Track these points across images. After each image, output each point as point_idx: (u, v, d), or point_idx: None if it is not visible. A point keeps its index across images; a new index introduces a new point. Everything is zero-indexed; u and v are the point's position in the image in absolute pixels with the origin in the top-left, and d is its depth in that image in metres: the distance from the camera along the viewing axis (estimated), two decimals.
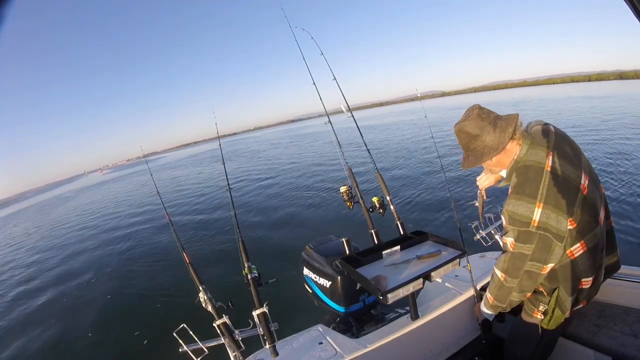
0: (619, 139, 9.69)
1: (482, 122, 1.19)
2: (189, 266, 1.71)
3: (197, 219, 9.06)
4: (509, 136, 1.16)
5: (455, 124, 1.28)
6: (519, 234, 1.15)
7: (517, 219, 1.14)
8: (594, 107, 19.35)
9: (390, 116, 46.21)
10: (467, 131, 1.23)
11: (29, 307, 5.95)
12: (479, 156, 1.22)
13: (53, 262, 8.69)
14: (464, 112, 1.27)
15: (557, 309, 1.27)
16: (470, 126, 1.21)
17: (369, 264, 1.62)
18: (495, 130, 1.17)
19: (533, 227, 1.11)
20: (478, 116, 1.20)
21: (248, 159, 23.26)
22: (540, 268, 1.16)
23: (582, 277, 1.22)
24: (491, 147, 1.19)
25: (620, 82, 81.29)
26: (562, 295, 1.24)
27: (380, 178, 2.25)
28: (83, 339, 4.38)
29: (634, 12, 0.55)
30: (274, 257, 5.20)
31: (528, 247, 1.14)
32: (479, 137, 1.20)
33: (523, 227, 1.13)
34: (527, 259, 1.16)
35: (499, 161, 1.24)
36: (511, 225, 1.16)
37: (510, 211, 1.16)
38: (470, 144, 1.24)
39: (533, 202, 1.11)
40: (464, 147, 1.28)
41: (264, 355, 1.55)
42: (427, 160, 10.88)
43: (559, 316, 1.28)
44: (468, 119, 1.22)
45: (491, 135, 1.18)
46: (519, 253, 1.16)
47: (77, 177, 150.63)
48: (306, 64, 2.48)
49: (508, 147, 1.19)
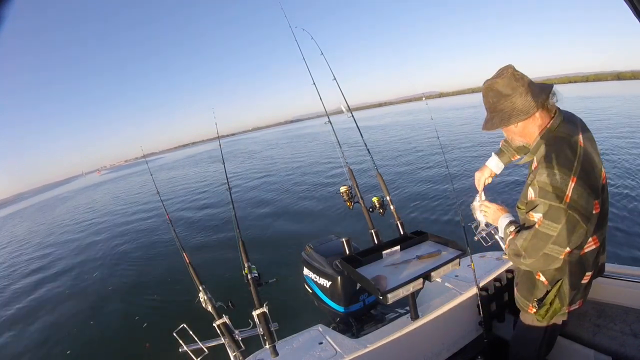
0: (611, 138, 9.76)
1: (515, 83, 1.12)
2: (189, 266, 1.71)
3: (197, 219, 9.06)
4: (541, 102, 1.10)
5: (485, 81, 1.20)
6: (550, 209, 1.05)
7: (551, 192, 1.05)
8: (586, 107, 19.49)
9: (390, 116, 46.27)
10: (497, 89, 1.15)
11: (26, 310, 5.93)
12: (505, 118, 1.15)
13: (52, 262, 8.68)
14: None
15: (556, 300, 1.24)
16: (502, 84, 1.14)
17: (369, 264, 1.62)
18: (528, 94, 1.11)
19: (565, 203, 1.03)
20: (512, 75, 1.13)
21: (248, 159, 23.27)
22: (560, 253, 1.08)
23: (586, 272, 1.21)
24: (520, 110, 1.12)
25: (618, 83, 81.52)
26: (565, 287, 1.22)
27: (380, 178, 2.25)
28: (82, 339, 4.38)
29: (634, 12, 0.56)
30: (274, 257, 5.20)
31: (555, 227, 1.06)
32: (509, 98, 1.13)
33: (555, 202, 1.04)
34: (549, 241, 1.08)
35: (525, 130, 1.17)
36: (542, 199, 1.07)
37: (543, 182, 1.06)
38: (498, 104, 1.16)
39: (568, 174, 1.03)
40: (491, 107, 1.20)
41: (264, 355, 1.55)
42: (427, 160, 10.91)
43: (557, 308, 1.25)
44: (501, 77, 1.14)
45: (523, 98, 1.11)
46: (544, 233, 1.08)
47: (74, 178, 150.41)
48: (306, 64, 2.48)
49: (537, 115, 1.13)
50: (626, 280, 1.58)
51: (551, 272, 1.22)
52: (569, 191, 1.03)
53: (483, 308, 1.77)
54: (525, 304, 1.36)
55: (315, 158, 16.60)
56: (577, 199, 1.03)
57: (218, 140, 2.58)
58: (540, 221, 1.09)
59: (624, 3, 0.57)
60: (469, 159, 9.95)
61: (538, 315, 1.29)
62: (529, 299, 1.32)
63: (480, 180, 1.56)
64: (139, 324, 4.38)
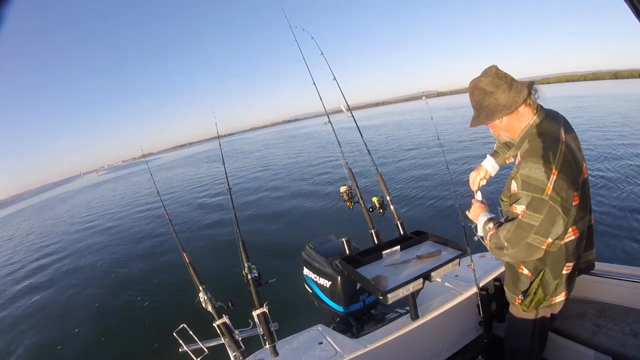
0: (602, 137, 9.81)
1: (498, 81, 1.20)
2: (189, 266, 1.71)
3: (197, 219, 9.05)
4: (523, 97, 1.17)
5: (470, 81, 1.28)
6: (532, 201, 1.12)
7: (533, 184, 1.11)
8: (577, 107, 19.56)
9: (390, 116, 46.29)
10: (482, 87, 1.23)
11: (23, 307, 5.92)
12: (490, 114, 1.22)
13: (50, 263, 8.65)
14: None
15: (540, 289, 1.27)
16: (486, 82, 1.22)
17: (369, 264, 1.62)
18: (511, 90, 1.19)
19: (546, 195, 1.09)
20: (495, 74, 1.21)
21: (247, 159, 23.25)
22: (542, 243, 1.13)
23: (567, 262, 1.25)
24: (504, 106, 1.19)
25: (615, 82, 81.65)
26: (547, 277, 1.26)
27: (380, 178, 2.25)
28: (82, 339, 4.37)
29: (634, 12, 0.56)
30: (274, 257, 5.20)
31: (537, 217, 1.11)
32: (493, 95, 1.21)
33: (537, 194, 1.10)
34: (532, 231, 1.13)
35: (510, 125, 1.24)
36: (525, 191, 1.13)
37: (526, 175, 1.12)
38: (483, 101, 1.24)
39: (550, 167, 1.09)
40: (477, 105, 1.27)
41: (264, 355, 1.55)
42: (427, 160, 10.93)
43: (540, 298, 1.28)
44: (485, 76, 1.23)
45: (506, 94, 1.19)
46: (527, 223, 1.13)
47: (72, 179, 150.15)
48: (306, 64, 2.48)
49: (521, 111, 1.20)
50: (626, 280, 1.59)
51: (533, 264, 1.27)
52: (551, 184, 1.09)
53: (483, 308, 1.77)
54: (512, 297, 1.41)
55: (315, 158, 16.59)
56: (558, 191, 1.09)
57: (218, 140, 2.57)
58: (523, 212, 1.15)
59: (624, 3, 0.57)
60: (469, 158, 9.97)
61: (523, 305, 1.33)
62: (515, 292, 1.38)
63: (475, 180, 1.58)
64: (139, 324, 4.38)
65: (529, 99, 1.19)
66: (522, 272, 1.32)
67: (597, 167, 7.15)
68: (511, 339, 1.56)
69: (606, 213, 4.95)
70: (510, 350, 1.57)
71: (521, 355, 1.49)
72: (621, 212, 4.95)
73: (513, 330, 1.53)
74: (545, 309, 1.36)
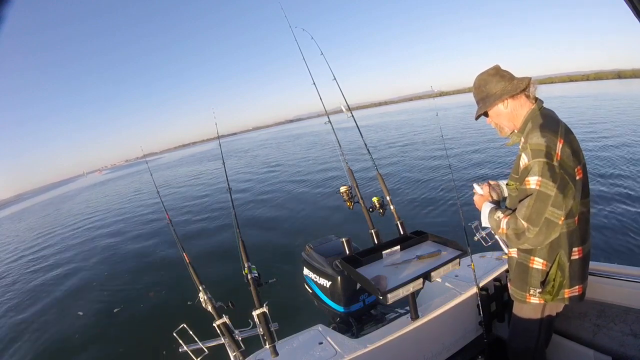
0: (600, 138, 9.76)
1: (502, 72, 1.34)
2: (189, 266, 1.71)
3: (197, 219, 9.06)
4: (525, 84, 1.29)
5: (475, 77, 1.39)
6: (544, 167, 1.15)
7: (544, 150, 1.16)
8: (574, 107, 19.44)
9: (389, 116, 46.25)
10: (486, 77, 1.36)
11: (22, 308, 5.94)
12: (497, 96, 1.31)
13: (50, 263, 8.67)
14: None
15: (558, 273, 1.27)
16: (490, 73, 1.35)
17: (369, 264, 1.62)
18: (507, 81, 1.32)
19: (556, 161, 1.15)
20: (497, 71, 1.35)
21: (247, 159, 23.28)
22: (559, 217, 1.16)
23: (576, 246, 1.28)
24: (508, 90, 1.29)
25: (619, 82, 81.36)
26: (563, 260, 1.27)
27: (381, 178, 2.25)
28: (82, 339, 4.38)
29: (634, 12, 0.55)
30: (274, 257, 5.20)
31: (552, 186, 1.14)
32: (497, 83, 1.33)
33: (549, 159, 1.15)
34: (549, 201, 1.15)
35: (513, 111, 1.32)
36: (536, 158, 1.16)
37: (535, 143, 1.18)
38: (488, 88, 1.34)
39: (556, 136, 1.18)
40: (480, 99, 1.38)
41: (264, 355, 1.55)
42: (427, 160, 10.90)
43: (561, 282, 1.28)
44: (487, 72, 1.37)
45: (509, 82, 1.31)
46: (545, 194, 1.15)
47: (76, 178, 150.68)
48: (306, 64, 2.48)
49: (522, 100, 1.31)
50: (626, 280, 1.58)
51: (547, 250, 1.28)
52: (558, 150, 1.16)
53: (483, 308, 1.77)
54: (521, 294, 1.39)
55: (315, 158, 16.59)
56: (565, 159, 1.17)
57: (218, 140, 2.57)
58: (539, 181, 1.16)
59: (624, 3, 0.56)
60: (470, 158, 9.94)
61: (545, 294, 1.31)
62: (524, 289, 1.37)
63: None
64: (139, 323, 4.39)
65: (528, 90, 1.31)
66: (533, 267, 1.31)
67: (597, 166, 7.13)
68: (516, 338, 1.55)
69: (606, 213, 4.93)
70: (514, 349, 1.56)
71: (526, 354, 1.49)
72: (621, 213, 4.92)
73: (518, 329, 1.51)
74: (557, 302, 1.35)
